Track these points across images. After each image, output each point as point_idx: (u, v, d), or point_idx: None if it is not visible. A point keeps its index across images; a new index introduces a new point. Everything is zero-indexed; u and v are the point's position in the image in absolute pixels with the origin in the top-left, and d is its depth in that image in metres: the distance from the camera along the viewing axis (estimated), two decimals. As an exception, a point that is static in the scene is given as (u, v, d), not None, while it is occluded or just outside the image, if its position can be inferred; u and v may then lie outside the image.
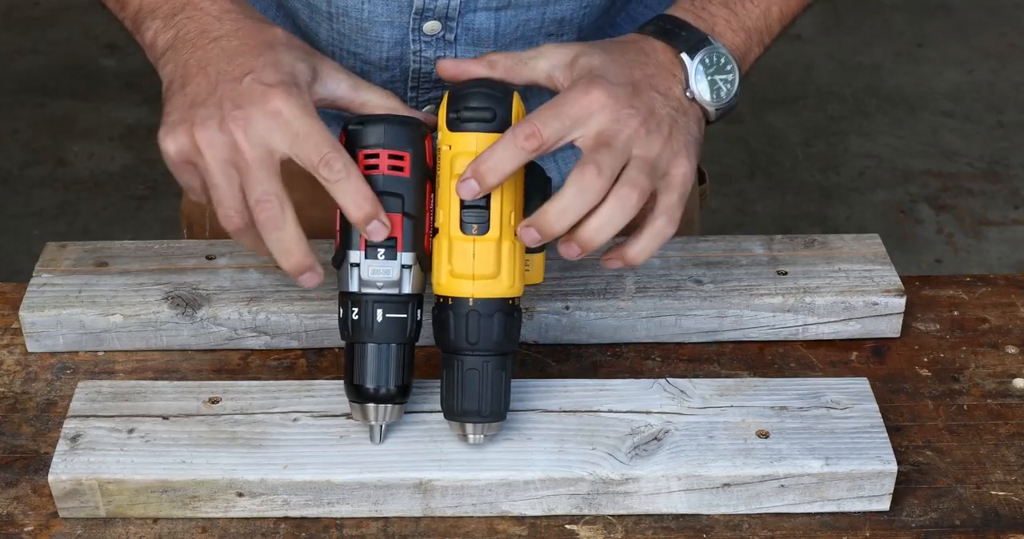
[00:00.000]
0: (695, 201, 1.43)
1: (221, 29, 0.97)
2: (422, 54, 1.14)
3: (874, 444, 0.99)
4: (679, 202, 0.96)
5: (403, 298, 0.97)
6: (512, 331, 0.97)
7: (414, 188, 0.96)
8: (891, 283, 1.15)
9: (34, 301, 1.13)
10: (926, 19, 3.83)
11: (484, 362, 0.97)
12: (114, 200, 3.12)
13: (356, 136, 0.96)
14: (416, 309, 0.98)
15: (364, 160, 0.96)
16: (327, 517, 0.99)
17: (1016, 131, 3.37)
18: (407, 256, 0.96)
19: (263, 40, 0.96)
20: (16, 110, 3.39)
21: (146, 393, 1.04)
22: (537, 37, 1.15)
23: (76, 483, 0.97)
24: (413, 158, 0.96)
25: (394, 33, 1.13)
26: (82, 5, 3.80)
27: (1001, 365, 1.14)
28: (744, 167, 3.23)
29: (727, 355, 1.14)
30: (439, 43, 1.14)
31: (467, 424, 0.98)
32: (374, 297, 0.96)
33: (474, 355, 0.96)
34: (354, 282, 0.96)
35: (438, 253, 0.96)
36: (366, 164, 0.96)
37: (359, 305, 0.96)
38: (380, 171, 0.95)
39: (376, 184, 0.95)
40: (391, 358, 0.97)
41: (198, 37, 0.97)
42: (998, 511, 1.00)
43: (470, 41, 1.14)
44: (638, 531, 0.98)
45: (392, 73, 1.16)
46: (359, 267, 0.96)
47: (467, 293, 0.95)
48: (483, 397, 0.97)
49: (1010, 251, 2.97)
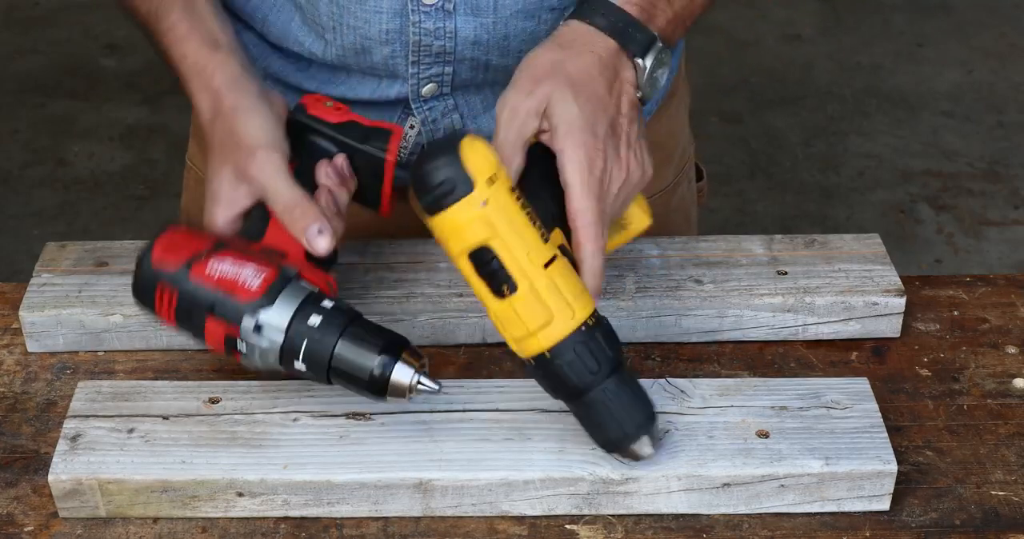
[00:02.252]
0: (692, 199, 1.43)
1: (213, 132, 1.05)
2: (422, 25, 1.14)
3: (874, 444, 0.99)
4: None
5: (287, 337, 0.97)
6: (601, 350, 0.95)
7: (187, 293, 0.97)
8: (891, 283, 1.15)
9: (34, 301, 1.13)
10: (926, 19, 3.83)
11: (602, 390, 0.95)
12: (114, 200, 3.12)
13: (144, 307, 1.01)
14: (307, 319, 0.97)
15: (163, 316, 1.00)
16: (327, 517, 0.99)
17: (1016, 131, 3.37)
18: (247, 324, 0.96)
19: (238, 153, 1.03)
20: (16, 110, 3.39)
21: (146, 393, 1.04)
22: (539, 9, 1.15)
23: (76, 483, 0.97)
24: (166, 278, 0.98)
25: (392, 3, 1.13)
26: (82, 5, 3.80)
27: (1001, 365, 1.14)
28: (744, 167, 3.23)
29: (727, 355, 1.14)
30: (438, 13, 1.14)
31: (633, 446, 0.97)
32: (285, 362, 0.97)
33: (591, 390, 0.95)
34: (266, 370, 0.98)
35: (495, 322, 0.95)
36: (167, 318, 0.99)
37: (293, 369, 0.98)
38: (169, 313, 0.99)
39: (181, 320, 0.99)
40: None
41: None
42: (998, 511, 1.00)
43: (469, 11, 1.14)
44: (638, 531, 0.98)
45: (392, 47, 1.16)
46: (252, 366, 0.98)
47: (540, 349, 0.94)
48: (625, 415, 0.96)
49: (1010, 251, 2.97)
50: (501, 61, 1.18)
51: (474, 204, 0.91)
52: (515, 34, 1.16)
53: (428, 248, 1.19)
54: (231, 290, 0.96)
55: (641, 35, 1.05)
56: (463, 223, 0.91)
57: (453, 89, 1.20)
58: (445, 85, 1.19)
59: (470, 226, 0.92)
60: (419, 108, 1.21)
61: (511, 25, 1.15)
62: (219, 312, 0.96)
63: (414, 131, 1.23)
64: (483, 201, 0.91)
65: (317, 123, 1.06)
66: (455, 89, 1.20)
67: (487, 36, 1.15)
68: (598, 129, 1.00)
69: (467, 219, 0.91)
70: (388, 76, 1.20)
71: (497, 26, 1.15)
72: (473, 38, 1.15)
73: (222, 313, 0.96)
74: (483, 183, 0.91)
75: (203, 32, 1.09)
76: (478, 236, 0.92)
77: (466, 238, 0.92)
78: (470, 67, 1.18)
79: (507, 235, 0.92)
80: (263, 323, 0.95)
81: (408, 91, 1.20)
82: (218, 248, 0.98)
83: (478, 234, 0.92)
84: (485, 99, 1.22)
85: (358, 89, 1.21)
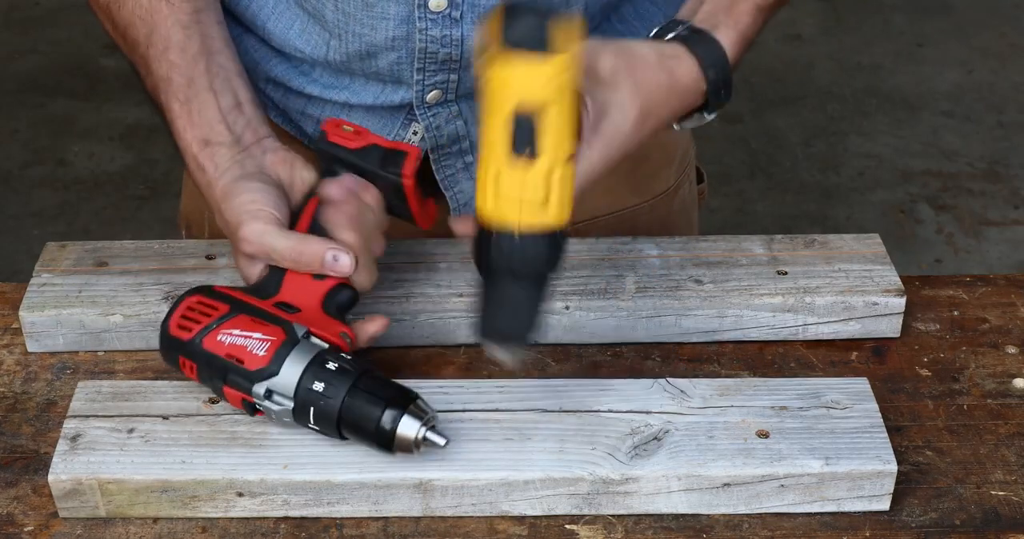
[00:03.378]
0: (694, 201, 1.43)
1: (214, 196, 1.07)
2: (428, 32, 1.14)
3: (874, 444, 0.99)
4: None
5: (298, 402, 0.98)
6: (558, 256, 0.95)
7: (205, 364, 1.00)
8: (891, 283, 1.15)
9: (34, 301, 1.13)
10: (926, 19, 3.83)
11: (527, 287, 0.95)
12: (114, 200, 3.12)
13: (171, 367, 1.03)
14: (311, 384, 0.98)
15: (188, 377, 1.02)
16: (327, 517, 0.99)
17: (1016, 131, 3.37)
18: (259, 392, 0.98)
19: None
20: (16, 110, 3.39)
21: (146, 393, 1.04)
22: None
23: (76, 483, 0.97)
24: (185, 348, 1.01)
25: (400, 10, 1.13)
26: (82, 5, 3.77)
27: (1001, 365, 1.14)
28: (744, 167, 3.23)
29: (727, 355, 1.14)
30: (445, 21, 1.14)
31: (504, 346, 0.96)
32: (300, 420, 0.99)
33: (520, 281, 0.95)
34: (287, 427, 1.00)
35: (483, 175, 0.93)
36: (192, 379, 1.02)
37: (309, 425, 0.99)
38: (191, 377, 1.02)
39: (204, 383, 1.02)
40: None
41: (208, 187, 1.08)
42: (998, 511, 1.00)
43: (476, 19, 1.14)
44: (638, 531, 0.98)
45: (398, 54, 1.16)
46: (277, 423, 1.00)
47: (513, 220, 0.92)
48: (525, 319, 0.96)
49: (1010, 251, 2.97)
50: None
51: (559, 67, 0.88)
52: None
53: (428, 248, 1.19)
54: (240, 359, 0.98)
55: (725, 93, 1.06)
56: (539, 77, 0.89)
57: (458, 96, 1.20)
58: (450, 92, 1.19)
59: (544, 83, 0.89)
60: (423, 114, 1.21)
61: None
62: (231, 381, 0.98)
63: (417, 137, 1.23)
64: (567, 70, 0.89)
65: (337, 150, 1.07)
66: (460, 96, 1.20)
67: None
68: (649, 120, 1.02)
69: (545, 75, 0.89)
70: (393, 82, 1.19)
71: None
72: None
73: (234, 382, 0.98)
74: (571, 56, 0.89)
75: (200, 126, 1.10)
76: (543, 96, 0.89)
77: (532, 92, 0.89)
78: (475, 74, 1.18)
79: (562, 112, 0.90)
80: (272, 389, 0.97)
81: (412, 97, 1.19)
82: (228, 316, 1.00)
83: (545, 95, 0.89)
84: None
85: (361, 94, 1.21)
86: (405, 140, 1.23)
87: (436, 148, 1.23)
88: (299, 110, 1.25)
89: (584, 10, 1.16)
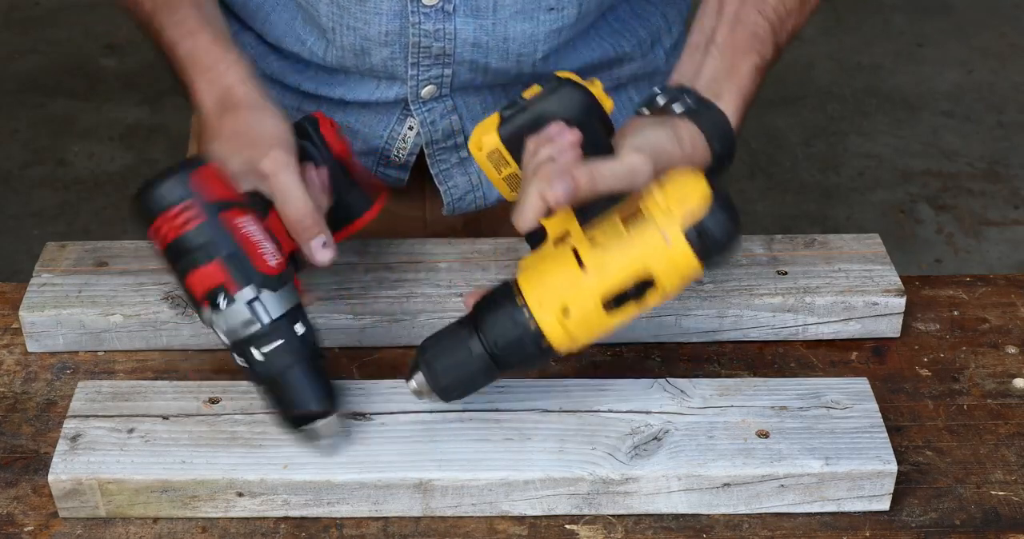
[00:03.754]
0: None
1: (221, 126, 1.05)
2: (421, 26, 1.14)
3: (874, 444, 0.99)
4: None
5: (272, 326, 0.96)
6: (530, 361, 0.98)
7: (211, 228, 0.95)
8: (891, 283, 1.15)
9: (34, 301, 1.13)
10: (926, 19, 3.83)
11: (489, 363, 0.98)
12: (114, 200, 3.11)
13: (145, 210, 0.97)
14: (294, 324, 0.97)
15: (163, 233, 0.96)
16: (327, 517, 0.99)
17: (1016, 131, 3.37)
18: (247, 291, 0.96)
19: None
20: (16, 110, 3.39)
21: (146, 393, 1.04)
22: (537, 11, 1.15)
23: (76, 483, 0.97)
24: (198, 202, 0.95)
25: (392, 4, 1.13)
26: (82, 5, 3.80)
27: (1001, 365, 1.14)
28: (744, 167, 3.23)
29: (727, 355, 1.14)
30: (438, 14, 1.14)
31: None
32: (247, 342, 0.96)
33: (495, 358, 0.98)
34: (222, 336, 0.97)
35: (559, 270, 0.95)
36: (167, 236, 0.95)
37: (243, 354, 0.97)
38: (178, 233, 0.95)
39: (184, 247, 0.95)
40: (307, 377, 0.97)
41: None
42: (998, 511, 1.00)
43: (469, 13, 1.14)
44: (638, 531, 0.98)
45: (392, 49, 1.16)
46: (213, 323, 0.96)
47: (546, 320, 0.95)
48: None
49: (1010, 251, 2.97)
50: (500, 64, 1.18)
51: (694, 270, 0.93)
52: (514, 36, 1.16)
53: (428, 248, 1.19)
54: (251, 252, 0.95)
55: (728, 161, 1.06)
56: (678, 264, 0.92)
57: (452, 91, 1.20)
58: (444, 87, 1.19)
59: (674, 272, 0.93)
60: (418, 109, 1.21)
61: (510, 27, 1.15)
62: (229, 263, 0.95)
63: (413, 132, 1.23)
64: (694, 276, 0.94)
65: (320, 139, 1.06)
66: (454, 91, 1.20)
67: (487, 38, 1.15)
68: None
69: (682, 267, 0.92)
70: (387, 77, 1.20)
71: (496, 28, 1.15)
72: (473, 40, 1.15)
73: (231, 266, 0.95)
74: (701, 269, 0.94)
75: (215, 30, 1.10)
76: (666, 279, 0.93)
77: (662, 270, 0.92)
78: (469, 69, 1.18)
79: (656, 296, 0.95)
80: (260, 300, 0.95)
81: (407, 93, 1.20)
82: (250, 206, 0.98)
83: (667, 280, 0.93)
84: (484, 101, 1.22)
85: (357, 90, 1.21)
86: (401, 135, 1.23)
87: (431, 143, 1.23)
88: (295, 107, 1.25)
89: (579, 10, 1.16)
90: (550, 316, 0.94)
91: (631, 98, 1.30)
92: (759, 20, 1.09)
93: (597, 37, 1.23)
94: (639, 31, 1.26)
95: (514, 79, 1.20)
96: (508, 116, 0.99)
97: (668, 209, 0.90)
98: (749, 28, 1.08)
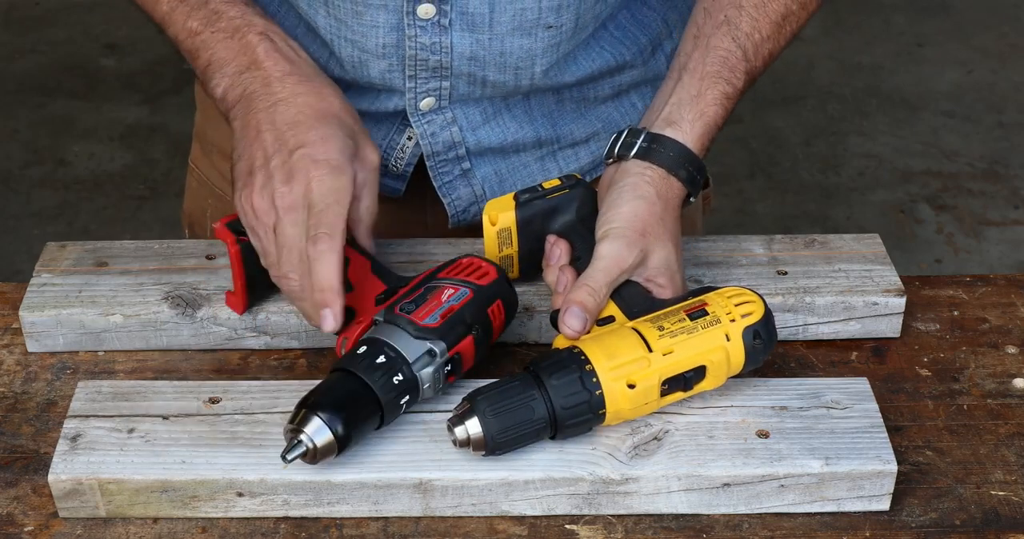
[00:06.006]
0: (698, 205, 1.43)
1: (283, 91, 1.07)
2: (418, 39, 1.14)
3: (874, 444, 0.99)
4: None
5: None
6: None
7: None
8: (891, 283, 1.15)
9: (34, 301, 1.13)
10: (926, 19, 3.83)
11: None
12: (114, 200, 3.12)
13: None
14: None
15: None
16: (327, 517, 0.99)
17: (1016, 131, 3.37)
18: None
19: (319, 110, 1.07)
20: (16, 110, 3.39)
21: (146, 393, 1.04)
22: (535, 27, 1.15)
23: (76, 483, 0.97)
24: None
25: (389, 17, 1.14)
26: (82, 5, 3.80)
27: (1001, 365, 1.14)
28: (744, 167, 3.23)
29: (727, 355, 1.14)
30: (434, 28, 1.14)
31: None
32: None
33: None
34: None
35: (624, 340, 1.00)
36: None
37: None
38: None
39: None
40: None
41: (261, 98, 1.07)
42: (998, 511, 1.00)
43: (465, 27, 1.14)
44: (638, 531, 0.98)
45: (389, 61, 1.16)
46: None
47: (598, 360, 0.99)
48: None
49: (1010, 251, 2.97)
50: (498, 77, 1.18)
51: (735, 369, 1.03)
52: (511, 51, 1.16)
53: (428, 248, 1.19)
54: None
55: (700, 177, 1.10)
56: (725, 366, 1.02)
57: (451, 102, 1.20)
58: (443, 99, 1.19)
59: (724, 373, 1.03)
60: (417, 121, 1.21)
61: (507, 42, 1.15)
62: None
63: (411, 142, 1.23)
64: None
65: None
66: (453, 102, 1.20)
67: (483, 52, 1.15)
68: (679, 264, 1.08)
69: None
70: (386, 89, 1.20)
71: (493, 42, 1.15)
72: (469, 54, 1.15)
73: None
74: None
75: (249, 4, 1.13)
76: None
77: (712, 364, 1.01)
78: (467, 82, 1.18)
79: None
80: (435, 352, 1.00)
81: (406, 105, 1.20)
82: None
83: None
84: (484, 111, 1.22)
85: (356, 101, 1.21)
86: (399, 146, 1.23)
87: (432, 155, 1.23)
88: None
89: (575, 23, 1.16)
90: (617, 386, 0.97)
91: (633, 104, 1.30)
92: (731, 47, 1.12)
93: (597, 47, 1.23)
94: (640, 38, 1.26)
95: (513, 91, 1.20)
96: (525, 201, 1.10)
97: (731, 313, 1.01)
98: (720, 55, 1.12)
